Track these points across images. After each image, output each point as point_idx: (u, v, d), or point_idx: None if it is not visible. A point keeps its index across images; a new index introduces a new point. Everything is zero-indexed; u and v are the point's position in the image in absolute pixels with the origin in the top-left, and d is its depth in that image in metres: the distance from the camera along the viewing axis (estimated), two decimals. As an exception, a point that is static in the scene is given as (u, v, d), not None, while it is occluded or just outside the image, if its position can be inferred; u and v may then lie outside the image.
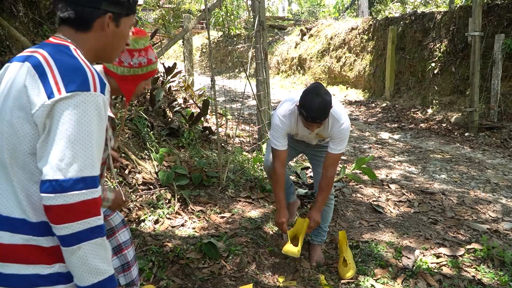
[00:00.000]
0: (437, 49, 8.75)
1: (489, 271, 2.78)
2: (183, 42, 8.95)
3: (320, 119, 2.47)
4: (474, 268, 2.84)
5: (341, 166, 4.72)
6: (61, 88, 1.11)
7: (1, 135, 1.18)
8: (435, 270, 2.81)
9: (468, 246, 3.10)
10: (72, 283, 1.24)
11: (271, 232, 3.29)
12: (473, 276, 2.74)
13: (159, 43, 6.08)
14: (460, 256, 2.98)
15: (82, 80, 1.14)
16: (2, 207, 1.19)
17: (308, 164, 4.69)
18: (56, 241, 1.19)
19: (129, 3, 1.30)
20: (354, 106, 10.26)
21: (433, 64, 8.73)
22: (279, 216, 2.85)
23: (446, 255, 3.00)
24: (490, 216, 3.72)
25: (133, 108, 4.20)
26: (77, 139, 1.12)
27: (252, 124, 7.05)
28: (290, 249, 2.76)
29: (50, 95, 1.11)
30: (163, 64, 5.69)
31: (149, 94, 4.66)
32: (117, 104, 4.10)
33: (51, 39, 1.27)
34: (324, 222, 3.05)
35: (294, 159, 4.98)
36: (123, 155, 3.66)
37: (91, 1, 1.24)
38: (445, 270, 2.81)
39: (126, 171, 3.60)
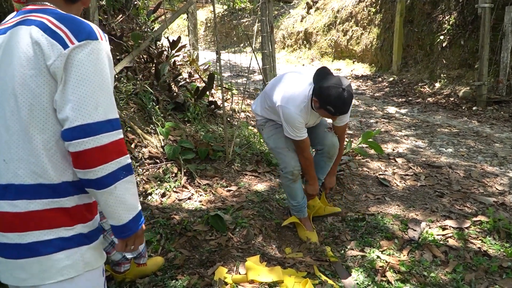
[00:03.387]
0: (446, 22, 8.57)
1: (495, 243, 2.79)
2: (187, 16, 8.82)
3: (348, 110, 2.51)
4: (480, 240, 2.85)
5: (347, 140, 4.71)
6: (72, 38, 1.16)
7: (14, 100, 1.17)
8: (441, 242, 2.82)
9: (474, 219, 3.10)
10: (94, 243, 1.28)
11: (277, 205, 3.31)
12: (479, 247, 2.75)
13: (163, 16, 5.99)
14: (466, 228, 2.99)
15: (89, 30, 1.19)
16: (14, 176, 1.18)
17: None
18: (77, 200, 1.24)
19: None
20: (361, 80, 10.15)
21: (441, 37, 8.57)
22: (315, 189, 3.03)
23: (452, 227, 3.01)
24: (497, 189, 3.72)
25: (138, 82, 4.17)
26: (97, 84, 1.16)
27: (257, 99, 7.00)
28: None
29: (64, 46, 1.14)
30: (167, 38, 5.63)
31: (154, 68, 4.62)
32: (122, 78, 4.08)
33: (31, 6, 1.27)
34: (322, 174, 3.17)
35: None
36: (129, 129, 3.67)
37: None
38: (451, 242, 2.82)
39: (132, 145, 3.61)
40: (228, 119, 5.16)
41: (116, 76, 4.06)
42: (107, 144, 1.16)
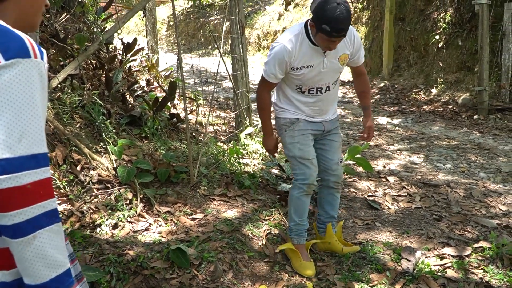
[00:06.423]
0: (442, 19, 8.86)
1: (498, 272, 2.87)
2: (144, 13, 8.84)
3: (346, 30, 2.54)
4: (482, 269, 2.92)
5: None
6: None
7: None
8: (439, 273, 2.87)
9: (476, 245, 3.18)
10: None
11: (250, 235, 3.32)
12: (481, 278, 2.81)
13: (116, 14, 5.99)
14: (467, 256, 3.06)
15: (20, 46, 1.16)
16: None
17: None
18: None
19: None
20: (347, 87, 10.33)
21: (437, 37, 8.84)
22: (268, 143, 3.13)
23: (451, 255, 3.08)
24: (500, 209, 3.82)
25: (85, 92, 4.14)
26: (23, 112, 1.13)
27: (228, 110, 7.04)
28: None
29: None
30: (121, 40, 5.63)
31: (104, 75, 4.60)
32: (66, 88, 4.04)
33: None
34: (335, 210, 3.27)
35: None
36: (74, 148, 3.62)
37: None
38: (450, 272, 2.88)
39: (78, 168, 3.56)
40: (193, 134, 5.17)
41: (59, 85, 4.03)
42: (28, 184, 1.12)
